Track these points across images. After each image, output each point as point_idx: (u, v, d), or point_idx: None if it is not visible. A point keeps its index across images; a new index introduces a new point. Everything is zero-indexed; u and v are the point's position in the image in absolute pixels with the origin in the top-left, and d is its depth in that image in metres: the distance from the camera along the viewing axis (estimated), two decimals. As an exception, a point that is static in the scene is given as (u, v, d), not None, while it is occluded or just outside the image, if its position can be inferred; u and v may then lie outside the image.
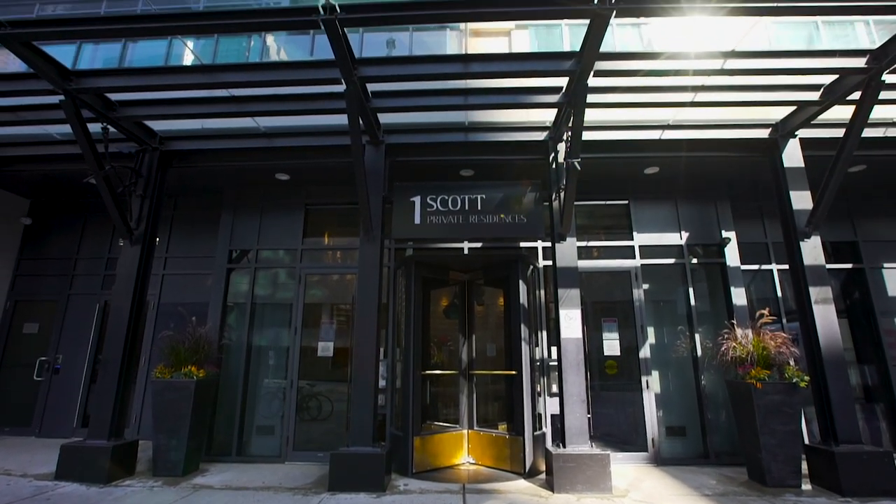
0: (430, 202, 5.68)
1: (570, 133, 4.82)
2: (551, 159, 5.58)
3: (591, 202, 6.68)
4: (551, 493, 4.54)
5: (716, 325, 5.95)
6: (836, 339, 4.90)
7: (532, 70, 4.61)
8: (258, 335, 6.48)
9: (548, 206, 5.50)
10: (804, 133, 5.48)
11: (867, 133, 4.94)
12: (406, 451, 5.24)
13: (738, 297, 6.03)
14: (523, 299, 5.60)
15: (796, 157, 5.44)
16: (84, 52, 7.11)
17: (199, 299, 6.65)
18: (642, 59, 4.52)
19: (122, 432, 5.17)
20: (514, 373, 5.49)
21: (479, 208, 5.63)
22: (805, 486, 4.64)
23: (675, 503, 4.33)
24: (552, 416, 5.74)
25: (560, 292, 5.12)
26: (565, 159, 4.96)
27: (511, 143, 5.76)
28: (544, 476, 5.00)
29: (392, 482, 4.90)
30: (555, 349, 5.71)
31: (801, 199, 5.30)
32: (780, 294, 6.49)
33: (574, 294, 5.11)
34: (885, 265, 6.63)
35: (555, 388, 5.77)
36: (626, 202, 6.70)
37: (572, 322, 5.03)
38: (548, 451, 4.84)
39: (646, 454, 5.70)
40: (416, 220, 5.65)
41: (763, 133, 5.58)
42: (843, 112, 4.88)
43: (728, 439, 5.73)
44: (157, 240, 6.13)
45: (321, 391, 6.28)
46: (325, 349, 6.33)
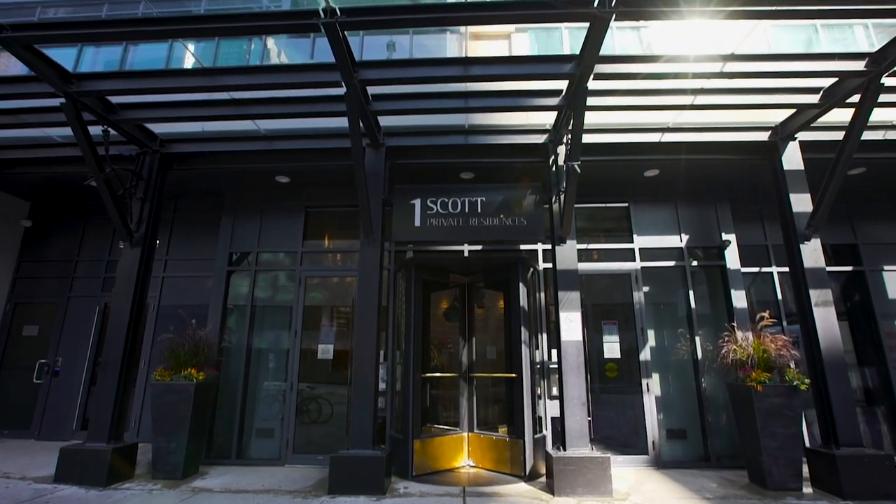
0: (431, 205, 5.69)
1: (570, 136, 4.83)
2: (551, 162, 5.59)
3: (592, 205, 6.68)
4: (552, 496, 4.53)
5: (716, 328, 5.95)
6: (836, 341, 4.90)
7: (532, 73, 4.63)
8: (258, 338, 6.47)
9: (548, 208, 5.50)
10: (804, 136, 5.49)
11: (867, 135, 4.94)
12: (406, 454, 5.23)
13: (739, 299, 6.03)
14: (523, 302, 5.59)
15: (796, 160, 5.45)
16: (85, 55, 7.13)
17: (199, 301, 6.65)
18: (642, 63, 4.53)
19: (121, 435, 5.16)
20: (514, 375, 5.48)
21: (479, 211, 5.64)
22: (806, 489, 4.63)
23: (676, 506, 4.32)
24: (552, 418, 5.72)
25: (560, 295, 5.12)
26: (565, 162, 4.97)
27: (511, 146, 5.77)
28: (545, 479, 4.98)
29: (392, 485, 4.89)
30: (555, 352, 5.70)
31: (801, 202, 5.30)
32: (780, 297, 6.49)
33: (574, 297, 5.10)
34: (886, 268, 6.63)
35: (555, 391, 5.76)
36: (626, 205, 6.70)
37: (572, 325, 5.03)
38: (548, 454, 4.82)
39: (646, 457, 5.69)
40: (417, 223, 5.65)
41: (763, 136, 5.59)
42: (842, 115, 4.89)
43: (729, 442, 5.71)
44: (158, 242, 6.12)
45: (321, 394, 6.27)
46: (325, 352, 6.32)
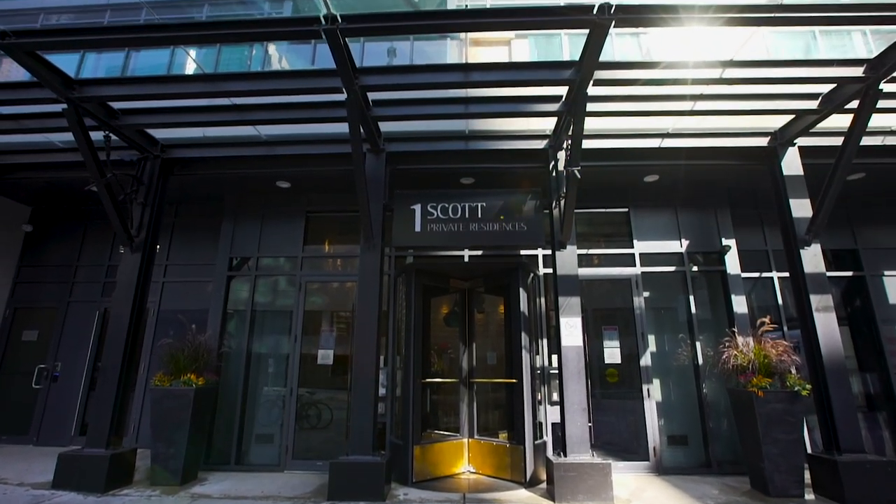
0: (431, 210, 5.70)
1: (570, 141, 4.85)
2: (551, 167, 5.60)
3: (592, 210, 6.69)
4: (552, 502, 4.50)
5: (717, 333, 5.94)
6: (837, 347, 4.89)
7: (532, 79, 4.65)
8: (258, 343, 6.46)
9: (548, 213, 5.51)
10: (803, 141, 5.51)
11: (866, 141, 4.97)
12: (406, 460, 5.21)
13: (739, 304, 6.02)
14: (524, 307, 5.59)
15: (795, 166, 5.47)
16: (87, 61, 7.15)
17: (199, 306, 6.65)
18: (641, 69, 4.55)
19: (120, 441, 5.14)
20: (514, 381, 5.46)
21: (479, 216, 5.65)
22: (808, 495, 4.60)
23: (678, 513, 4.30)
24: (553, 424, 5.70)
25: (560, 300, 5.12)
26: (565, 167, 4.98)
27: (511, 152, 5.79)
28: (545, 485, 4.96)
29: (392, 491, 4.87)
30: (555, 357, 5.69)
31: (801, 207, 5.31)
32: (780, 301, 6.48)
33: (575, 302, 5.10)
34: (886, 273, 6.62)
35: (555, 397, 5.74)
36: (626, 210, 6.71)
37: (573, 330, 5.02)
38: (549, 460, 4.80)
39: (647, 463, 5.66)
40: (417, 228, 5.66)
41: (762, 141, 5.60)
42: (841, 120, 4.90)
43: (730, 448, 5.69)
44: (158, 247, 6.13)
45: (321, 399, 6.25)
46: (325, 357, 6.30)
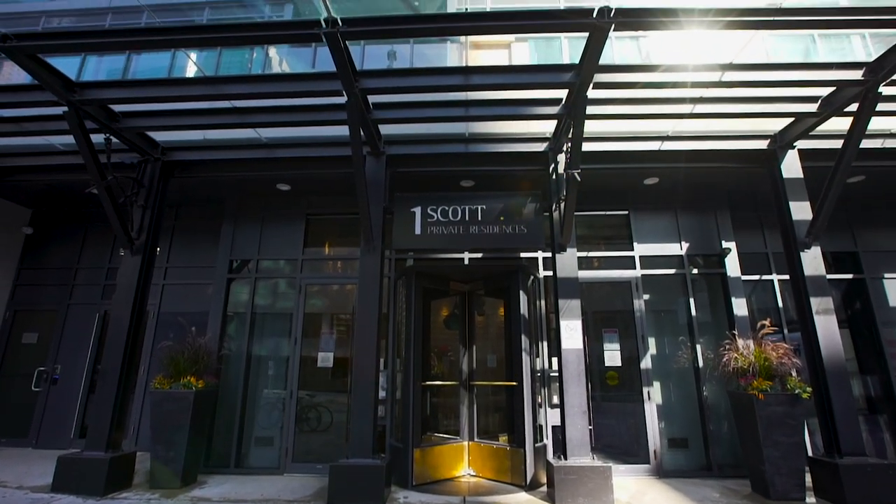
0: (431, 213, 5.70)
1: (570, 144, 4.85)
2: (551, 170, 5.60)
3: (592, 212, 6.69)
4: (553, 506, 4.50)
5: (717, 336, 5.94)
6: (837, 349, 4.88)
7: (532, 82, 4.65)
8: (258, 345, 6.46)
9: (548, 216, 5.51)
10: (803, 144, 5.51)
11: (865, 144, 4.98)
12: (406, 463, 5.20)
13: (739, 307, 6.02)
14: (524, 310, 5.58)
15: (795, 168, 5.47)
16: (88, 64, 7.16)
17: (199, 309, 6.65)
18: (641, 72, 4.55)
19: (119, 444, 5.13)
20: (514, 384, 5.46)
21: (479, 219, 5.65)
22: (809, 498, 4.59)
23: (678, 517, 4.29)
24: (553, 427, 5.69)
25: (561, 303, 5.12)
26: (565, 170, 4.99)
27: (511, 154, 5.79)
28: (545, 488, 4.95)
29: (392, 495, 4.86)
30: (555, 360, 5.68)
31: (801, 210, 5.31)
32: (780, 304, 6.48)
33: (575, 304, 5.10)
34: (886, 275, 6.62)
35: (556, 400, 5.73)
36: (626, 212, 6.71)
37: (573, 333, 5.02)
38: (549, 464, 4.79)
39: (648, 466, 5.64)
40: (417, 231, 5.66)
41: (762, 144, 5.61)
42: (841, 123, 4.91)
43: (731, 451, 5.68)
44: (158, 250, 6.13)
45: (321, 402, 6.24)
46: (325, 359, 6.30)
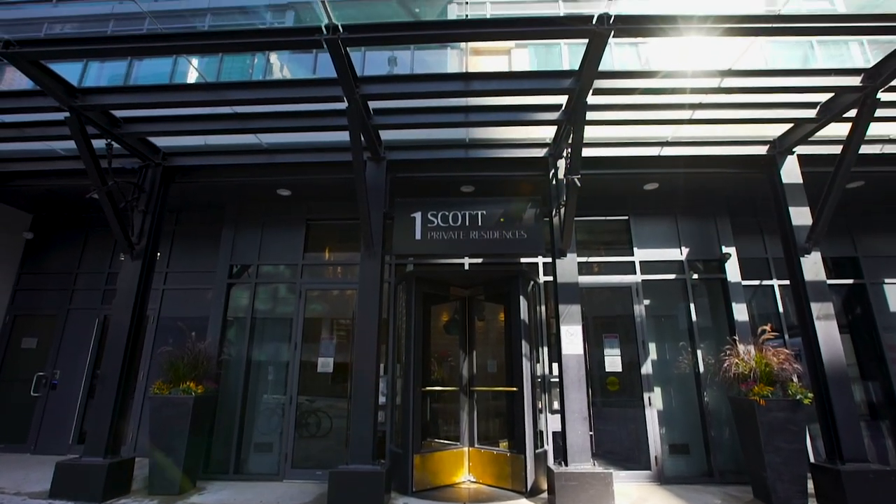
0: (431, 218, 5.70)
1: (569, 150, 4.86)
2: (551, 175, 5.62)
3: (592, 218, 6.69)
4: (553, 512, 4.47)
5: (717, 341, 5.93)
6: (838, 355, 4.86)
7: (532, 88, 4.68)
8: (258, 350, 6.44)
9: (548, 221, 5.51)
10: (802, 149, 5.52)
11: (864, 149, 4.99)
12: (406, 469, 5.17)
13: (740, 312, 6.01)
14: (524, 315, 5.58)
15: (794, 174, 5.48)
16: (90, 70, 7.20)
17: (199, 314, 6.63)
18: (640, 78, 4.57)
19: (118, 449, 5.10)
20: (514, 389, 5.44)
21: (479, 224, 5.65)
22: (811, 505, 4.57)
23: (680, 524, 4.26)
24: (554, 433, 5.67)
25: (561, 308, 5.11)
26: (565, 175, 4.99)
27: (511, 160, 5.81)
28: (546, 495, 4.92)
29: (391, 501, 4.83)
30: (556, 365, 5.67)
31: (801, 215, 5.31)
32: (781, 309, 6.47)
33: (575, 310, 5.09)
34: (887, 280, 6.61)
35: (556, 405, 5.71)
36: (626, 218, 6.72)
37: (573, 338, 5.01)
38: (549, 470, 4.77)
39: (649, 472, 5.62)
40: (417, 236, 5.66)
41: (761, 150, 5.62)
42: (840, 129, 4.92)
43: (732, 457, 5.65)
44: (158, 255, 6.12)
45: (320, 407, 6.22)
46: (325, 365, 6.28)
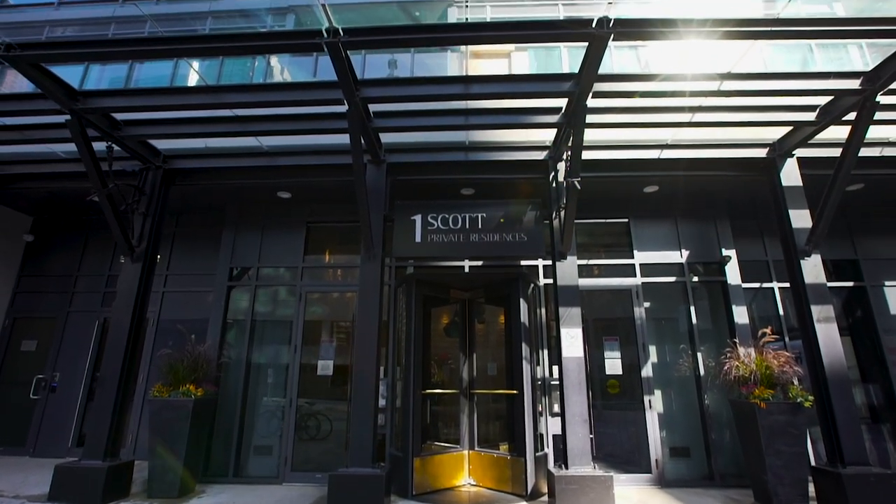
0: (431, 220, 5.70)
1: (569, 152, 4.87)
2: (551, 178, 5.62)
3: (592, 220, 6.70)
4: (554, 516, 4.46)
5: (718, 344, 5.92)
6: (839, 357, 4.85)
7: (531, 91, 4.68)
8: (257, 353, 6.44)
9: (548, 224, 5.52)
10: (802, 152, 5.52)
11: (864, 152, 4.99)
12: (406, 473, 5.16)
13: (740, 315, 6.01)
14: (524, 318, 5.57)
15: (794, 177, 5.48)
16: (91, 73, 7.21)
17: (199, 316, 6.63)
18: (640, 81, 4.59)
19: (117, 452, 5.09)
20: (515, 392, 5.43)
21: (479, 227, 5.65)
22: (812, 509, 4.55)
23: (681, 527, 4.25)
24: (554, 436, 5.66)
25: (561, 311, 5.11)
26: (565, 178, 5.00)
27: (511, 163, 5.81)
28: (546, 498, 4.90)
29: (391, 505, 4.82)
30: (556, 368, 5.66)
31: (801, 218, 5.31)
32: (781, 312, 6.46)
33: (575, 312, 5.09)
34: (887, 283, 6.61)
35: (556, 408, 5.70)
36: (626, 220, 6.72)
37: (574, 341, 5.00)
38: (550, 473, 4.76)
39: (649, 475, 5.60)
40: (417, 239, 5.66)
41: (761, 152, 5.63)
42: (839, 132, 4.93)
43: (733, 460, 5.64)
44: (159, 257, 6.12)
45: (320, 410, 6.21)
46: (325, 367, 6.27)
